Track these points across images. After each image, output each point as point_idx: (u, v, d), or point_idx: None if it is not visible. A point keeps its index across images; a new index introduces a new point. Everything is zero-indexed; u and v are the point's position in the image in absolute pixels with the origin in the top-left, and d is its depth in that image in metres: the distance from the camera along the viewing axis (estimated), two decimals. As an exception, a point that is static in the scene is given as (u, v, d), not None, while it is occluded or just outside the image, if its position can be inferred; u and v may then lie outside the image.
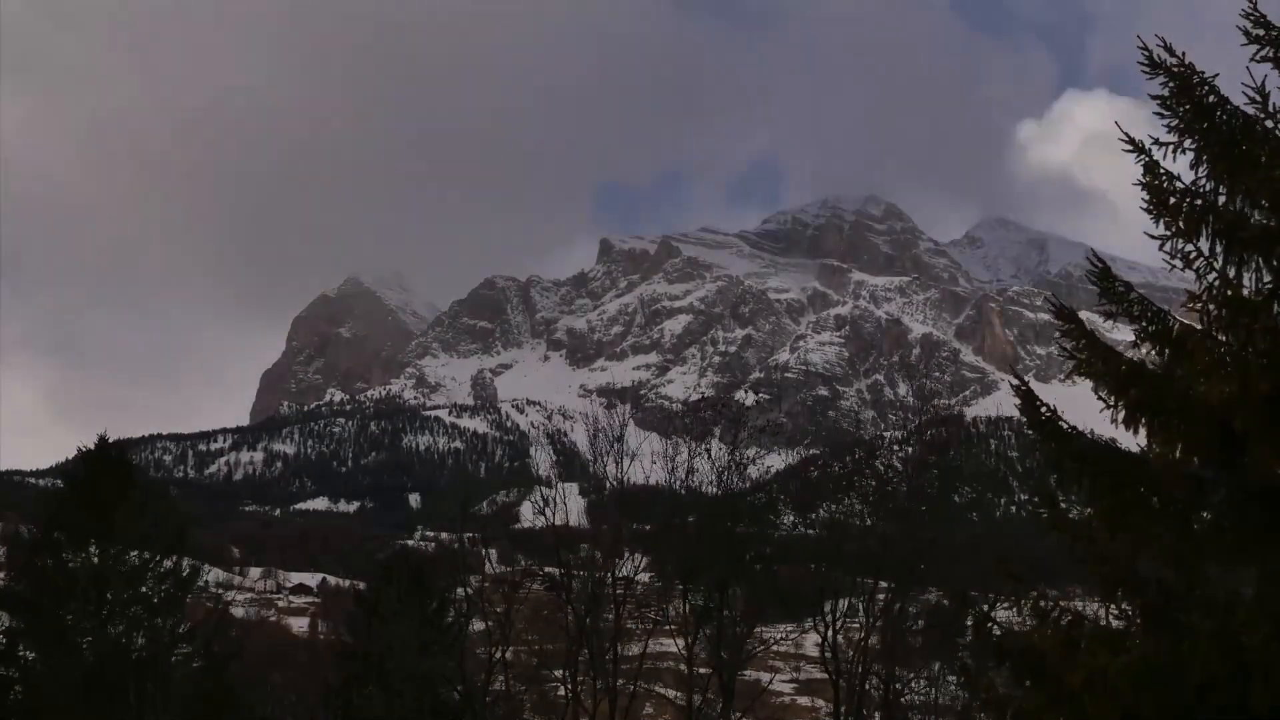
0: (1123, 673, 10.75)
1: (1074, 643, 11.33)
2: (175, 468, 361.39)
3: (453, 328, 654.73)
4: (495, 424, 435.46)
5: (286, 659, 57.99)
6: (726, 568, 35.33)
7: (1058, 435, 12.05)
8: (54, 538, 30.07)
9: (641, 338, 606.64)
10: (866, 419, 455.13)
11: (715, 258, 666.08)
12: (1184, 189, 11.62)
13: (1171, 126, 11.68)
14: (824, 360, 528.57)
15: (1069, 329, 12.07)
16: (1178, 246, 11.64)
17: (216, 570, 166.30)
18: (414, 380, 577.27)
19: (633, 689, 35.73)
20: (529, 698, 41.99)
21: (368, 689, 35.22)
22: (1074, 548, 12.23)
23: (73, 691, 27.99)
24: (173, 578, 30.84)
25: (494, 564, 42.92)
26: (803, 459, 50.64)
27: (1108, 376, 11.75)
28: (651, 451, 37.00)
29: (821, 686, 50.73)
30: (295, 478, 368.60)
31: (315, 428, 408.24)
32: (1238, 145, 11.31)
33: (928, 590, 38.40)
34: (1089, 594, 20.72)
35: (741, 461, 35.83)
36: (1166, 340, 11.63)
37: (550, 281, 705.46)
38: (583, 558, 37.75)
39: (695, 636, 35.47)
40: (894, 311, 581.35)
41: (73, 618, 29.85)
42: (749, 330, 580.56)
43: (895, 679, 35.64)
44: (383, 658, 34.80)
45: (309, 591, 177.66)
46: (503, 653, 37.84)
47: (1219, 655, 10.34)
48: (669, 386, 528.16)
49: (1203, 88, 11.54)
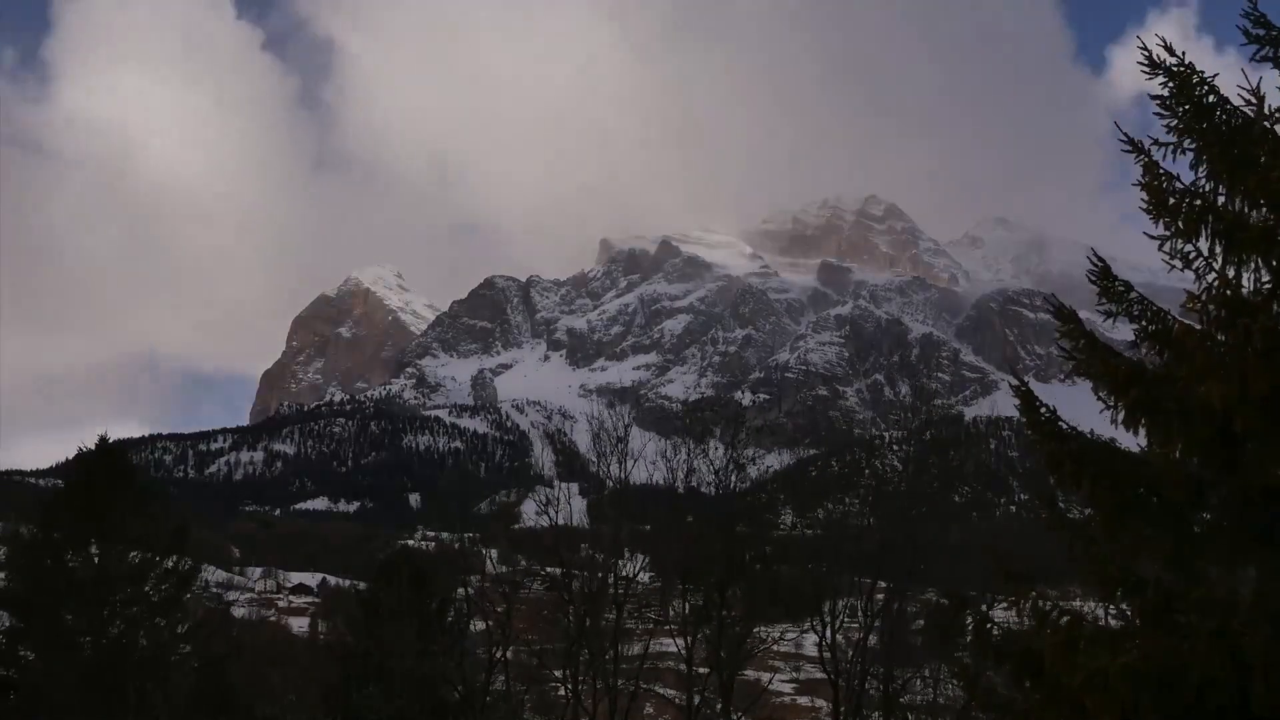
0: (1122, 673, 10.73)
1: (1073, 643, 11.30)
2: (175, 468, 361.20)
3: (453, 328, 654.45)
4: (495, 424, 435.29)
5: (286, 659, 57.93)
6: (726, 568, 35.32)
7: (1057, 436, 12.03)
8: (54, 538, 30.06)
9: (641, 338, 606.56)
10: (866, 419, 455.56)
11: (715, 258, 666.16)
12: (1183, 189, 11.61)
13: (1171, 127, 11.66)
14: (824, 360, 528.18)
15: (1069, 329, 12.06)
16: (1177, 247, 11.63)
17: (217, 570, 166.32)
18: (414, 380, 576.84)
19: (633, 689, 35.72)
20: (529, 698, 41.98)
21: (368, 689, 35.23)
22: (1073, 548, 12.21)
23: (73, 691, 27.99)
24: (173, 578, 30.84)
25: (494, 564, 42.88)
26: (802, 459, 50.65)
27: (1107, 377, 11.73)
28: (653, 451, 36.98)
29: (821, 686, 50.69)
30: (295, 478, 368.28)
31: (315, 428, 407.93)
32: (1237, 145, 11.30)
33: (927, 590, 38.39)
34: (1089, 594, 20.71)
35: (741, 461, 35.82)
36: (1166, 340, 11.62)
37: (550, 281, 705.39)
38: (583, 558, 37.74)
39: (694, 636, 35.46)
40: (894, 311, 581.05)
41: (73, 617, 29.85)
42: (749, 330, 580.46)
43: (894, 679, 35.61)
44: (383, 658, 34.81)
45: (309, 591, 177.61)
46: (503, 653, 37.83)
47: (1219, 656, 10.32)
48: (669, 386, 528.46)
49: (1202, 88, 11.53)
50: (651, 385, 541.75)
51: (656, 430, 53.93)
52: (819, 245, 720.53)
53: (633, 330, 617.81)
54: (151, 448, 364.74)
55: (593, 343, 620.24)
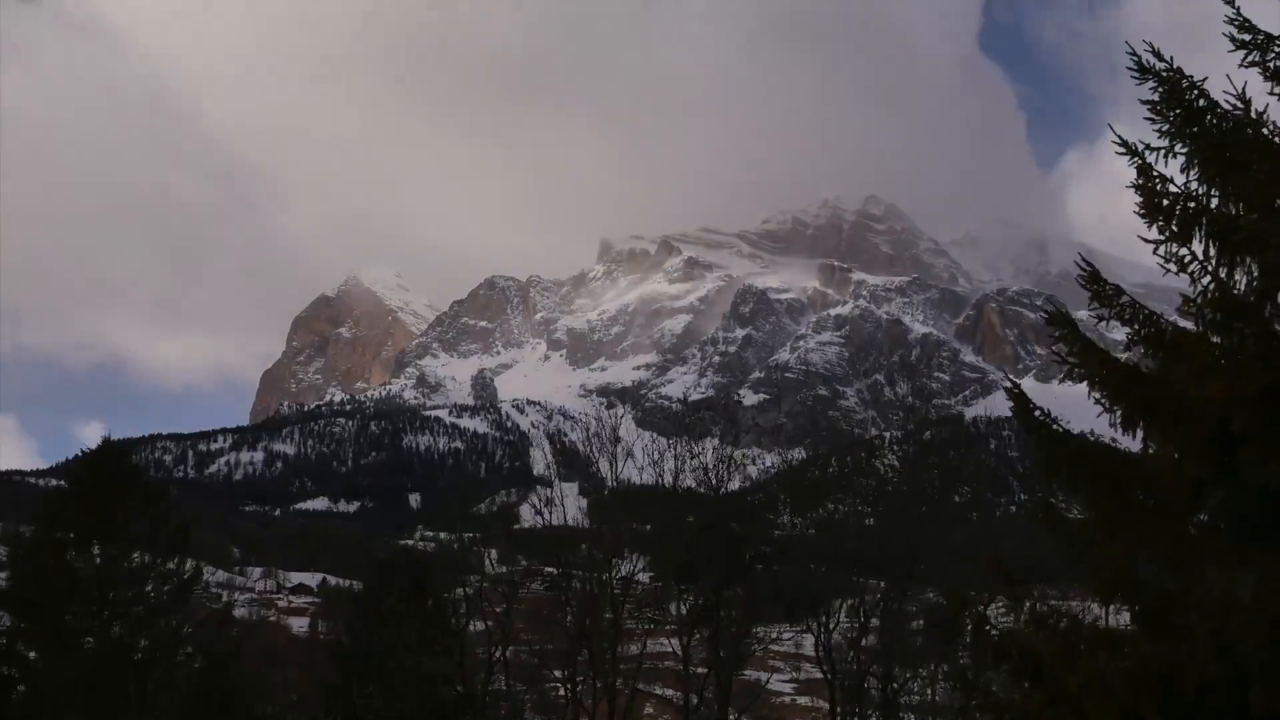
0: (1121, 675, 10.78)
1: (1072, 645, 11.34)
2: (175, 468, 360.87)
3: (453, 328, 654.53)
4: (495, 424, 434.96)
5: (286, 659, 57.93)
6: (725, 568, 35.37)
7: (1053, 438, 12.07)
8: (55, 538, 30.09)
9: (641, 338, 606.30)
10: (866, 419, 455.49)
11: (715, 258, 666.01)
12: (1177, 193, 11.64)
13: (1162, 131, 11.70)
14: (824, 360, 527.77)
15: (1064, 333, 12.10)
16: (1172, 250, 11.66)
17: (217, 570, 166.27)
18: (414, 380, 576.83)
19: (632, 689, 35.77)
20: (529, 698, 42.03)
21: (368, 689, 35.27)
22: (1072, 550, 12.25)
23: (74, 691, 28.03)
24: (175, 578, 30.86)
25: (494, 564, 42.94)
26: (802, 459, 50.68)
27: (1105, 379, 11.78)
28: (654, 451, 37.00)
29: (821, 686, 50.71)
30: (295, 478, 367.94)
31: (315, 428, 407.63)
32: (1228, 149, 11.35)
33: (926, 590, 38.45)
34: (1088, 596, 20.76)
35: (740, 461, 35.88)
36: (1160, 343, 11.66)
37: (550, 281, 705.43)
38: (582, 558, 37.79)
39: (693, 636, 35.52)
40: (894, 311, 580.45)
41: (74, 618, 29.88)
42: (749, 330, 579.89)
43: (893, 679, 35.68)
44: (383, 658, 34.85)
45: (309, 591, 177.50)
46: (503, 653, 37.89)
47: (1218, 658, 10.36)
48: (669, 386, 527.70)
49: (1192, 92, 11.57)
50: (651, 385, 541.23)
51: (657, 430, 53.91)
52: (819, 245, 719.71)
53: (633, 330, 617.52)
54: (151, 448, 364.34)
55: (593, 343, 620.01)
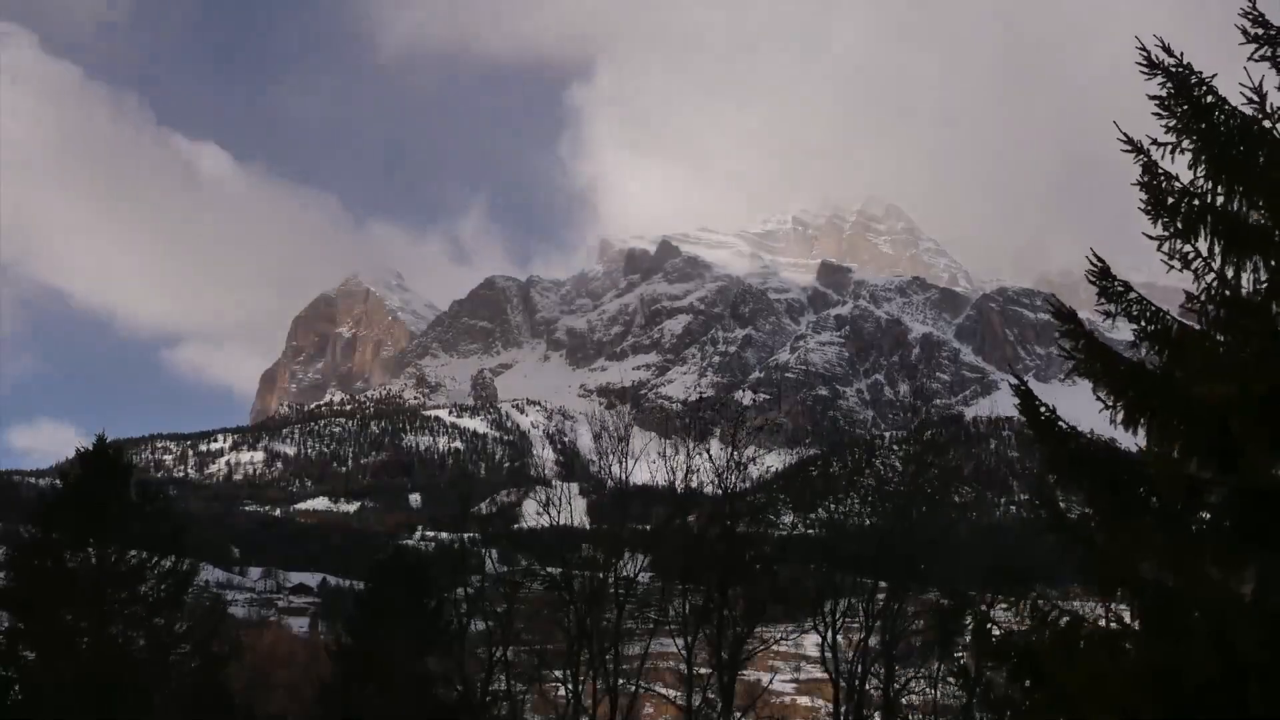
0: (1121, 674, 10.73)
1: (1073, 644, 11.30)
2: (175, 468, 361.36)
3: (453, 328, 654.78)
4: (495, 424, 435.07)
5: (286, 659, 57.96)
6: (726, 568, 35.30)
7: (1056, 436, 12.01)
8: (53, 538, 30.02)
9: (641, 338, 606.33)
10: (866, 419, 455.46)
11: (715, 258, 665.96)
12: (1182, 189, 11.58)
13: (1170, 127, 11.63)
14: (824, 360, 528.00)
15: (1068, 329, 12.03)
16: (1176, 247, 11.60)
17: (217, 570, 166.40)
18: (414, 380, 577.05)
19: (633, 689, 35.71)
20: (529, 698, 41.97)
21: (367, 688, 35.22)
22: (1073, 549, 12.20)
23: (71, 691, 27.98)
24: (171, 577, 30.79)
25: (494, 564, 42.88)
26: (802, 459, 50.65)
27: (1107, 377, 11.71)
28: (653, 451, 36.94)
29: (822, 686, 50.70)
30: (295, 478, 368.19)
31: (315, 428, 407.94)
32: (1236, 145, 11.27)
33: (927, 590, 38.36)
34: (1088, 595, 20.70)
35: (741, 461, 35.78)
36: (1166, 341, 11.60)
37: (550, 281, 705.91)
38: (583, 558, 37.73)
39: (695, 636, 35.44)
40: (894, 311, 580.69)
41: (71, 618, 29.83)
42: (749, 330, 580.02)
43: (895, 679, 35.63)
44: (383, 657, 34.81)
45: (309, 591, 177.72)
46: (503, 653, 37.82)
47: (1217, 657, 10.32)
48: (669, 386, 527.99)
49: (1201, 88, 11.50)
50: (651, 385, 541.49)
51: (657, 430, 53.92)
52: (819, 245, 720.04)
53: (633, 330, 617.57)
54: (151, 448, 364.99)
55: (593, 343, 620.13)
